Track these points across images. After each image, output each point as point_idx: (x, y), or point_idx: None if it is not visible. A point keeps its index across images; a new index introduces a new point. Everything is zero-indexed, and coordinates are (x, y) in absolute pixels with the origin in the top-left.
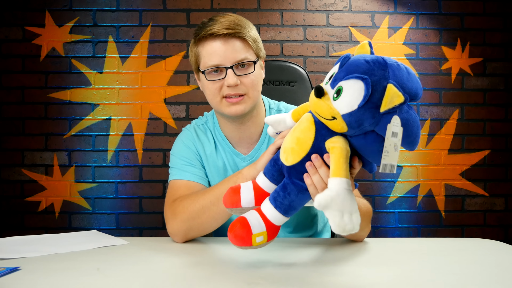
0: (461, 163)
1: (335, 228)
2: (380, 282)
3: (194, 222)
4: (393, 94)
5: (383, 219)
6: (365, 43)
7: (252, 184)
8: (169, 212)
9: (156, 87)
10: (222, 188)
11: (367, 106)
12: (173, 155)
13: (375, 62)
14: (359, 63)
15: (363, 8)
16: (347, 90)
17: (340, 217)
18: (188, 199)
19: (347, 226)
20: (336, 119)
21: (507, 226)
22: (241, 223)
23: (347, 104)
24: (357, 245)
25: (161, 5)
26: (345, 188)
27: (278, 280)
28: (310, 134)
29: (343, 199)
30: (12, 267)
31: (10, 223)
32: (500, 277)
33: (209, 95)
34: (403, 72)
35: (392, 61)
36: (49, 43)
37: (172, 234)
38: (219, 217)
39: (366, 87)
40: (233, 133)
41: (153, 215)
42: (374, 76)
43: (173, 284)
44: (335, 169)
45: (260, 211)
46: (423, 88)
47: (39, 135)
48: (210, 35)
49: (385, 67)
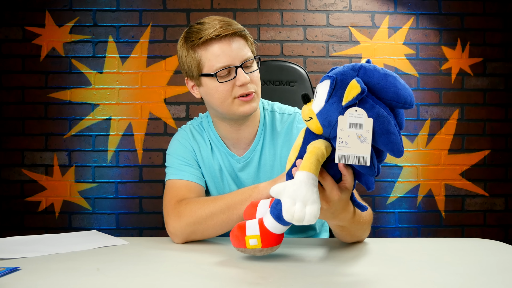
0: (461, 163)
1: (284, 214)
2: (380, 282)
3: (199, 226)
4: (352, 86)
5: (383, 219)
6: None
7: (270, 202)
8: (173, 213)
9: (156, 87)
10: (234, 198)
11: (331, 101)
12: (170, 154)
13: (351, 66)
14: (337, 68)
15: (363, 8)
16: (319, 90)
17: (290, 204)
18: (196, 203)
19: (296, 214)
20: (312, 119)
21: (507, 226)
22: (240, 225)
23: (318, 102)
24: (357, 245)
25: (161, 5)
26: (303, 180)
27: (278, 280)
28: (299, 141)
29: (297, 189)
30: (12, 267)
31: (10, 223)
32: (500, 277)
33: (219, 99)
34: (376, 73)
35: (370, 66)
36: (49, 43)
37: (173, 234)
38: (225, 225)
39: (330, 83)
40: (231, 134)
41: (153, 215)
42: (343, 75)
43: (173, 284)
44: (304, 162)
45: (260, 218)
46: (423, 88)
47: (39, 135)
48: (215, 36)
49: (358, 69)
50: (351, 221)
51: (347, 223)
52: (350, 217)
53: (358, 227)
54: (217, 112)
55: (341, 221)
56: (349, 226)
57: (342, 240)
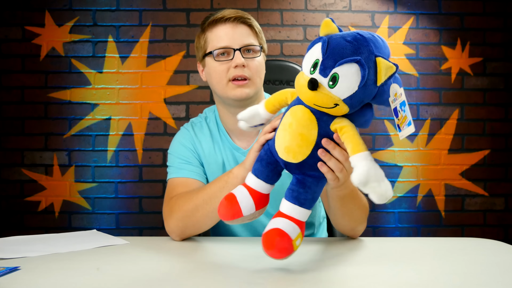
0: (461, 163)
1: (378, 198)
2: (380, 282)
3: (189, 220)
4: (385, 66)
5: (383, 219)
6: (327, 20)
7: (247, 189)
8: (167, 210)
9: (156, 87)
10: (214, 187)
11: (366, 84)
12: (171, 154)
13: (356, 40)
14: (343, 45)
15: (363, 8)
16: (345, 75)
17: (379, 187)
18: (183, 197)
19: (388, 193)
20: (338, 105)
21: (507, 226)
22: (280, 234)
23: (348, 88)
24: (357, 245)
25: (161, 5)
26: (371, 159)
27: (278, 280)
28: (313, 125)
29: (375, 170)
30: (12, 267)
31: (10, 223)
32: (500, 277)
33: (215, 79)
34: (379, 42)
35: (366, 34)
36: (49, 43)
37: (170, 232)
38: (212, 215)
39: (362, 68)
40: (234, 125)
41: (153, 215)
42: (363, 55)
43: (173, 284)
44: (354, 145)
45: (285, 215)
46: (423, 88)
47: (39, 135)
48: (220, 19)
49: (367, 43)
50: (354, 193)
51: (349, 192)
52: (353, 187)
53: (356, 207)
54: (217, 96)
55: (346, 189)
56: (350, 199)
57: (340, 228)
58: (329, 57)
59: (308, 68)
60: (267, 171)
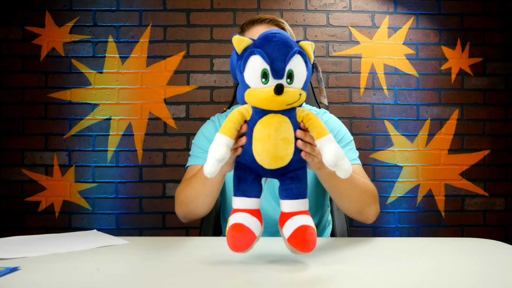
0: (461, 163)
1: (344, 174)
2: (380, 281)
3: (191, 205)
4: (310, 45)
5: (383, 219)
6: (237, 37)
7: (244, 212)
8: (175, 195)
9: (156, 87)
10: (201, 174)
11: (308, 66)
12: (193, 143)
13: (277, 38)
14: (275, 47)
15: (363, 8)
16: (294, 68)
17: (345, 164)
18: (184, 183)
19: (350, 168)
20: (301, 94)
21: (507, 226)
22: (307, 229)
23: (301, 76)
24: (357, 245)
25: (161, 5)
26: (334, 140)
27: (278, 280)
28: (288, 125)
29: (340, 150)
30: (12, 267)
31: (10, 223)
32: (500, 277)
33: None
34: (283, 31)
35: (270, 32)
36: (49, 43)
37: (177, 215)
38: (210, 194)
39: (302, 55)
40: None
41: (153, 215)
42: (294, 45)
43: (173, 283)
44: (320, 130)
45: (297, 212)
46: (423, 88)
47: (39, 135)
48: (257, 20)
49: (285, 36)
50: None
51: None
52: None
53: (352, 187)
54: None
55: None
56: (338, 179)
57: (347, 212)
58: (274, 61)
59: (257, 80)
60: (255, 187)
